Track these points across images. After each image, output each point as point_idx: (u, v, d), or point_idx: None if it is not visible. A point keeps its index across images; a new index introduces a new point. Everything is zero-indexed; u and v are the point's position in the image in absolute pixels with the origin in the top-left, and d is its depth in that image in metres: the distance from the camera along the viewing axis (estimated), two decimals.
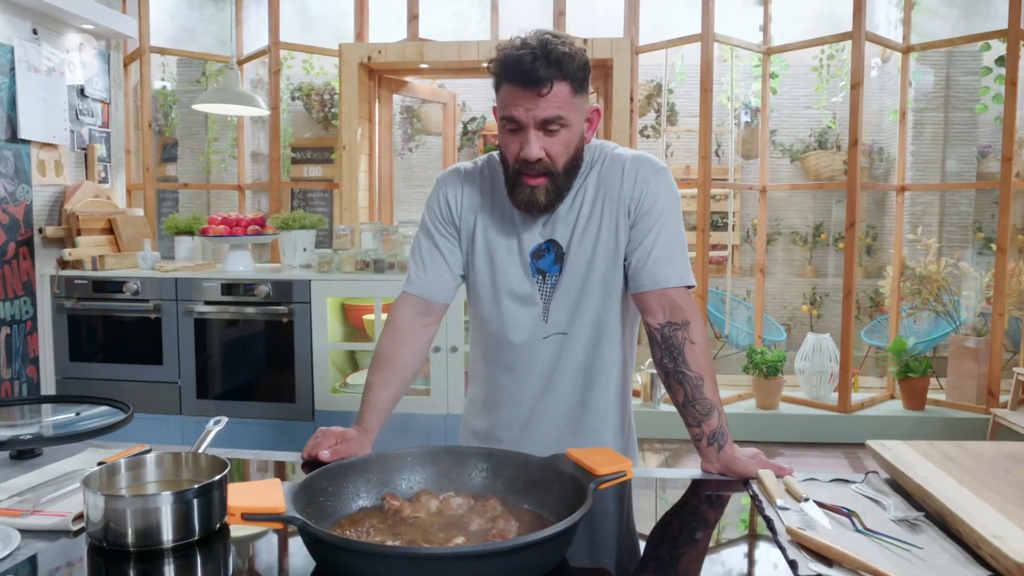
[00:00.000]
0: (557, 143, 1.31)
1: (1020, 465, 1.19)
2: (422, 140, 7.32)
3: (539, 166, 1.31)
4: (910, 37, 4.85)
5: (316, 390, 3.25)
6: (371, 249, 3.43)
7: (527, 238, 1.43)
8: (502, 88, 1.31)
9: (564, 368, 1.46)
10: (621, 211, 1.41)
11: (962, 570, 0.94)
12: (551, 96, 1.26)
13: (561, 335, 1.45)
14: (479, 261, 1.47)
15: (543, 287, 1.44)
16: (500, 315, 1.46)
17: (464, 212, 1.47)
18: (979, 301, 5.11)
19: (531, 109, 1.27)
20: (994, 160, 6.39)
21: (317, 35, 5.08)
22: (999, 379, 4.65)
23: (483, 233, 1.46)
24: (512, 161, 1.34)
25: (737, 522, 1.17)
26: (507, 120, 1.31)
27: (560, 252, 1.43)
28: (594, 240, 1.41)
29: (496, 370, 1.51)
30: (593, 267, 1.42)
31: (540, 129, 1.29)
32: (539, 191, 1.33)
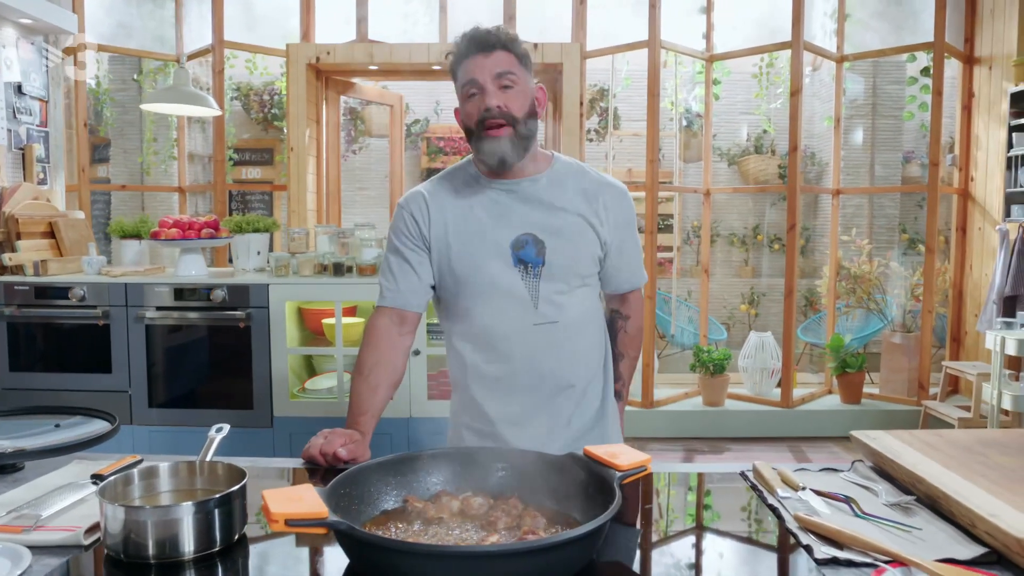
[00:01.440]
0: (512, 97, 1.47)
1: (997, 451, 1.27)
2: (366, 142, 7.26)
3: (499, 114, 1.45)
4: (844, 47, 5.08)
5: (275, 396, 3.19)
6: (329, 252, 3.38)
7: (505, 232, 1.52)
8: (461, 66, 1.49)
9: (555, 355, 1.54)
10: (602, 226, 1.58)
11: (960, 547, 1.01)
12: (500, 56, 1.47)
13: (551, 324, 1.53)
14: (458, 260, 1.53)
15: (527, 277, 1.52)
16: (488, 307, 1.53)
17: (433, 224, 1.55)
18: (908, 299, 5.38)
19: (486, 66, 1.45)
20: (917, 165, 6.74)
21: (261, 35, 4.98)
22: (929, 373, 4.91)
23: (458, 235, 1.54)
24: (475, 119, 1.48)
25: (744, 512, 1.22)
26: (468, 84, 1.47)
27: (541, 245, 1.52)
28: (575, 240, 1.55)
29: (488, 364, 1.55)
30: (576, 263, 1.55)
31: (495, 84, 1.46)
32: (504, 140, 1.46)
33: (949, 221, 5.36)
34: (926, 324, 4.86)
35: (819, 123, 6.65)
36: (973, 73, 4.95)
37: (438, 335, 3.28)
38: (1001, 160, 4.52)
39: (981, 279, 4.91)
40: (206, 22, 4.71)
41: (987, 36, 4.82)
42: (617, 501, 0.94)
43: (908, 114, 5.34)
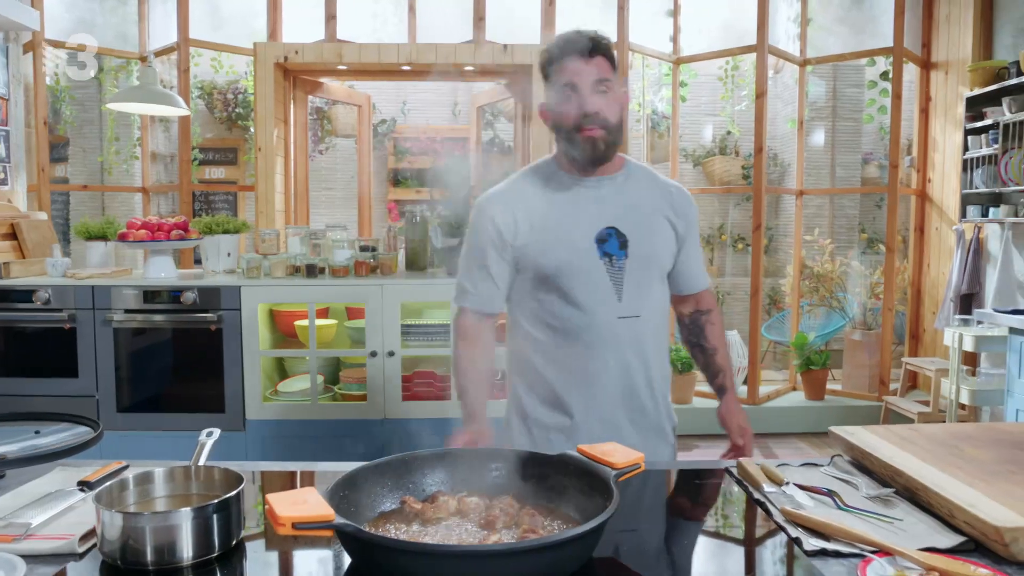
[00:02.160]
0: (607, 103, 1.54)
1: (969, 444, 1.32)
2: (332, 142, 7.19)
3: (597, 119, 1.52)
4: (806, 51, 5.19)
5: (247, 399, 3.16)
6: (301, 254, 3.36)
7: (589, 226, 1.59)
8: (556, 67, 1.55)
9: (636, 349, 1.61)
10: (680, 224, 1.68)
11: (939, 537, 1.05)
12: (598, 63, 1.54)
13: (635, 317, 1.60)
14: (544, 254, 1.58)
15: (611, 269, 1.59)
16: (576, 298, 1.58)
17: (518, 223, 1.60)
18: (868, 297, 5.52)
19: (586, 72, 1.52)
20: (875, 166, 6.90)
21: (227, 33, 4.92)
22: (889, 369, 5.04)
23: (544, 229, 1.59)
24: (572, 121, 1.54)
25: (732, 508, 1.25)
26: (566, 87, 1.54)
27: (624, 239, 1.59)
28: (654, 235, 1.64)
29: (570, 356, 1.60)
30: (657, 256, 1.64)
31: (593, 89, 1.52)
32: (598, 140, 1.54)
33: (907, 221, 5.51)
34: (886, 322, 4.99)
35: (781, 125, 6.78)
36: (930, 77, 5.10)
37: (412, 336, 3.28)
38: (957, 162, 4.66)
39: (938, 278, 5.06)
40: (170, 20, 4.64)
41: (943, 42, 4.97)
42: (617, 499, 0.96)
43: (868, 117, 5.48)
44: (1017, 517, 0.99)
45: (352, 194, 7.26)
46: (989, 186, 4.28)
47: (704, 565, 1.06)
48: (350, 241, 3.46)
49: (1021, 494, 1.08)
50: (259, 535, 1.10)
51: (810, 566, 0.99)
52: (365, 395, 3.20)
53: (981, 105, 4.39)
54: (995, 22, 4.62)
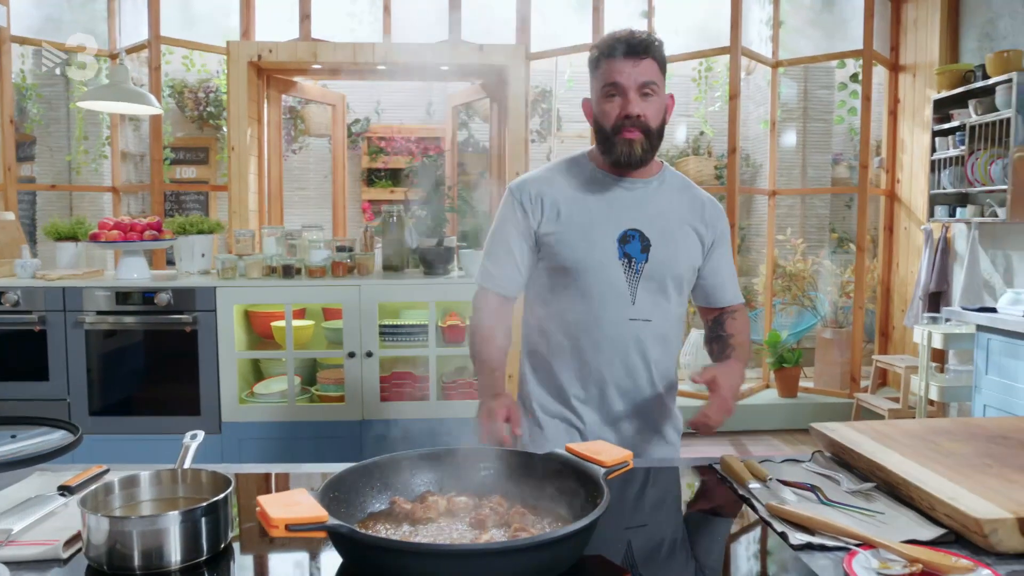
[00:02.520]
0: (650, 107, 1.54)
1: (946, 438, 1.35)
2: (305, 142, 7.14)
3: (638, 123, 1.53)
4: (778, 53, 5.26)
5: (223, 401, 3.12)
6: (277, 254, 3.33)
7: (613, 225, 1.59)
8: (604, 65, 1.54)
9: (642, 352, 1.61)
10: (707, 234, 1.67)
11: (921, 529, 1.07)
12: (646, 65, 1.53)
13: (646, 321, 1.60)
14: (566, 247, 1.59)
15: (628, 271, 1.58)
16: (589, 295, 1.59)
17: (546, 211, 1.61)
18: (839, 296, 5.60)
19: (631, 73, 1.52)
20: (845, 167, 7.01)
21: (199, 31, 4.86)
22: (860, 366, 5.12)
23: (569, 223, 1.59)
24: (612, 122, 1.54)
25: (717, 503, 1.26)
26: (610, 86, 1.53)
27: (647, 242, 1.59)
28: (677, 244, 1.62)
29: (578, 349, 1.61)
30: (676, 264, 1.61)
31: (638, 91, 1.52)
32: (636, 143, 1.54)
33: (877, 221, 5.60)
34: (857, 320, 5.08)
35: (753, 126, 6.86)
36: (898, 80, 5.19)
37: (390, 336, 3.27)
38: (925, 163, 4.75)
39: (907, 276, 5.16)
40: (141, 17, 4.57)
41: (911, 45, 5.07)
42: (608, 496, 0.97)
43: (838, 118, 5.56)
44: (996, 509, 1.02)
45: (325, 194, 7.21)
46: (956, 187, 4.37)
47: (691, 560, 1.07)
48: (327, 241, 3.43)
49: (998, 486, 1.11)
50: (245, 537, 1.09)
51: (797, 560, 1.00)
52: (343, 396, 3.18)
53: (948, 107, 4.48)
54: (961, 26, 4.72)
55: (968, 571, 0.92)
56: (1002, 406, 3.45)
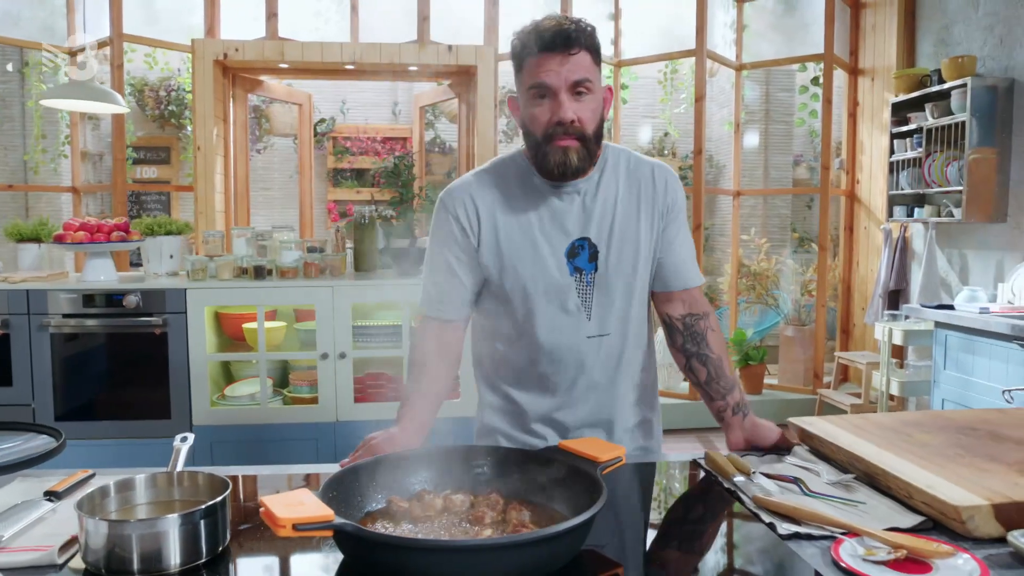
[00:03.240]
0: (586, 108, 1.35)
1: (918, 430, 1.40)
2: (270, 141, 7.06)
3: (572, 128, 1.34)
4: (742, 56, 5.35)
5: (194, 404, 3.08)
6: (248, 255, 3.30)
7: (560, 239, 1.43)
8: (529, 60, 1.34)
9: (603, 365, 1.49)
10: (656, 214, 1.48)
11: (900, 517, 1.11)
12: (578, 60, 1.32)
13: (603, 336, 1.46)
14: (511, 269, 1.44)
15: (580, 286, 1.44)
16: (541, 318, 1.45)
17: (483, 225, 1.44)
18: (802, 294, 5.73)
19: (561, 72, 1.31)
20: (805, 168, 7.17)
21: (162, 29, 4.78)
22: (823, 363, 5.24)
23: (510, 241, 1.43)
24: (543, 129, 1.35)
25: (705, 497, 1.29)
26: (538, 87, 1.34)
27: (594, 250, 1.44)
28: (635, 238, 1.46)
29: (536, 373, 1.49)
30: (636, 265, 1.47)
31: (570, 92, 1.33)
32: (571, 151, 1.35)
33: (838, 221, 5.74)
34: (820, 318, 5.20)
35: (716, 127, 6.97)
36: (858, 83, 5.33)
37: (363, 337, 3.26)
38: (884, 164, 4.88)
39: (867, 275, 5.29)
40: (102, 13, 4.47)
41: (869, 50, 5.20)
42: (605, 491, 0.99)
43: (800, 120, 5.69)
44: (971, 496, 1.06)
45: (290, 194, 7.13)
46: (914, 187, 4.50)
47: (683, 553, 1.10)
48: (297, 242, 3.41)
49: (971, 475, 1.16)
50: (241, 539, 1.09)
51: (786, 549, 1.04)
52: (316, 398, 3.17)
53: (906, 110, 4.61)
54: (917, 32, 4.86)
55: (949, 555, 0.96)
56: (959, 400, 3.57)
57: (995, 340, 3.35)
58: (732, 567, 1.05)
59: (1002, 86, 4.04)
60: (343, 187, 7.35)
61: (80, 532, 0.95)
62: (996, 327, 3.30)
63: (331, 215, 7.32)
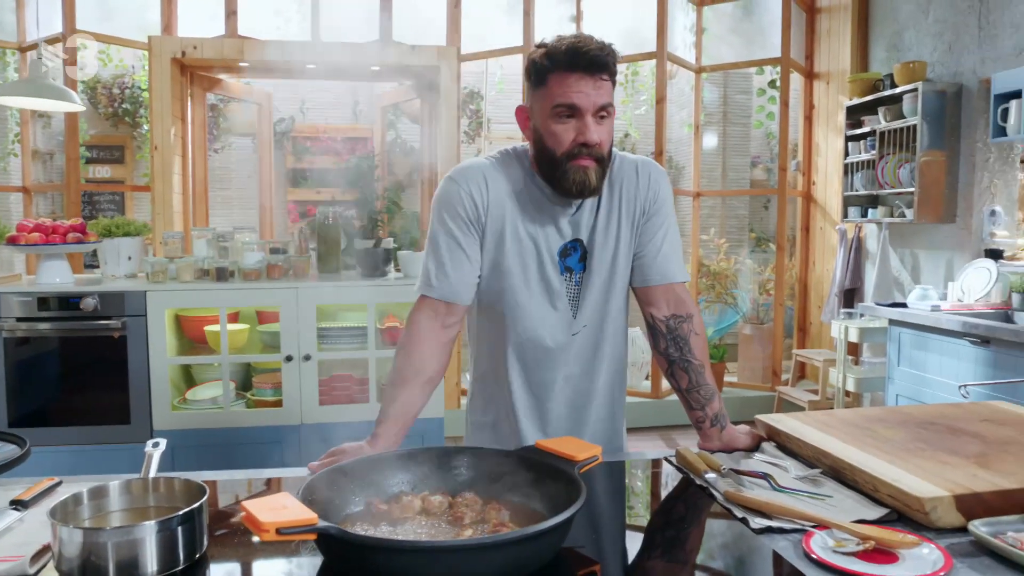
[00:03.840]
0: (605, 131, 1.39)
1: (881, 426, 1.45)
2: (228, 141, 6.95)
3: (594, 151, 1.37)
4: (702, 59, 5.44)
5: (154, 409, 3.02)
6: (209, 256, 3.24)
7: (554, 237, 1.47)
8: (555, 78, 1.35)
9: (587, 359, 1.53)
10: (638, 210, 1.51)
11: (866, 510, 1.15)
12: (607, 85, 1.37)
13: (587, 329, 1.50)
14: (510, 258, 1.46)
15: (569, 284, 1.49)
16: (532, 312, 1.48)
17: (492, 208, 1.45)
18: (760, 293, 5.84)
19: (591, 95, 1.34)
20: (762, 169, 7.30)
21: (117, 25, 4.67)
22: (781, 361, 5.35)
23: (514, 230, 1.46)
24: (566, 148, 1.37)
25: (677, 493, 1.32)
26: (564, 107, 1.35)
27: (585, 251, 1.49)
28: (616, 238, 1.49)
29: (524, 369, 1.52)
30: (616, 264, 1.50)
31: (595, 115, 1.36)
32: (591, 171, 1.37)
33: (794, 221, 5.86)
34: (778, 316, 5.30)
35: (675, 129, 7.06)
36: (813, 87, 5.45)
37: (328, 339, 3.23)
38: (839, 166, 5.00)
39: (823, 274, 5.42)
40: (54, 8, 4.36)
41: (824, 54, 5.33)
42: (584, 489, 1.00)
43: (758, 123, 5.80)
44: (934, 488, 1.10)
45: (249, 194, 7.03)
46: (868, 189, 4.62)
47: (659, 548, 1.12)
48: (260, 243, 3.37)
49: (933, 468, 1.20)
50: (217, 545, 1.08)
51: (758, 542, 1.06)
52: (280, 400, 3.13)
53: (859, 114, 4.73)
54: (870, 37, 4.99)
55: (914, 546, 1.00)
56: (913, 395, 3.68)
57: (946, 337, 3.46)
58: (708, 561, 1.08)
59: (951, 91, 4.18)
60: (303, 187, 7.26)
61: (53, 541, 0.93)
62: (947, 324, 3.42)
63: (291, 215, 7.23)
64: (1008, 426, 1.44)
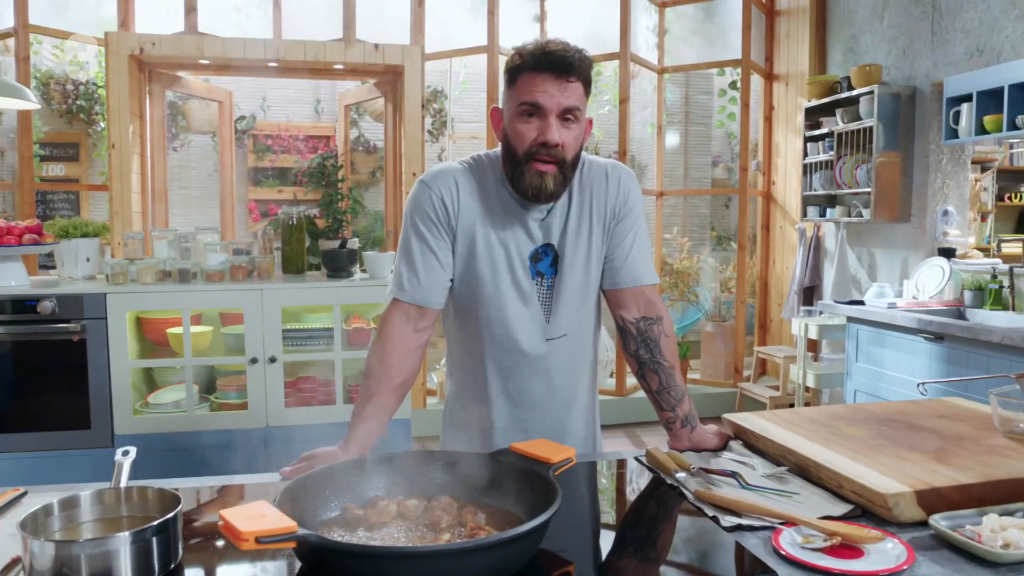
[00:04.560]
0: (570, 135, 1.39)
1: (844, 423, 1.49)
2: (187, 139, 6.83)
3: (555, 152, 1.37)
4: (664, 60, 5.50)
5: (116, 413, 2.96)
6: (171, 258, 3.19)
7: (525, 242, 1.48)
8: (524, 78, 1.37)
9: (565, 366, 1.54)
10: (608, 214, 1.52)
11: (832, 506, 1.19)
12: (574, 88, 1.37)
13: (564, 337, 1.51)
14: (481, 263, 1.46)
15: (540, 289, 1.50)
16: (505, 317, 1.48)
17: (462, 213, 1.46)
18: (722, 292, 5.93)
19: (556, 96, 1.35)
20: (723, 168, 7.41)
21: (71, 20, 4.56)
22: (743, 358, 5.44)
23: (484, 235, 1.46)
24: (526, 147, 1.38)
25: (648, 492, 1.34)
26: (529, 105, 1.37)
27: (555, 255, 1.50)
28: (587, 242, 1.50)
29: (499, 375, 1.52)
30: (588, 269, 1.51)
31: (560, 117, 1.37)
32: (548, 176, 1.39)
33: (755, 220, 5.97)
34: (740, 314, 5.39)
35: (638, 128, 7.13)
36: (773, 88, 5.55)
37: (293, 341, 3.21)
38: (798, 167, 5.10)
39: (783, 272, 5.52)
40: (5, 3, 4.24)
41: (783, 56, 5.43)
42: (560, 492, 1.02)
43: (719, 123, 5.88)
44: (896, 484, 1.14)
45: (208, 193, 6.92)
46: (826, 189, 4.72)
47: (633, 548, 1.14)
48: (223, 244, 3.33)
49: (894, 464, 1.24)
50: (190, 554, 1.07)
51: (729, 540, 1.09)
52: (246, 403, 3.09)
53: (818, 115, 4.83)
54: (828, 40, 5.10)
55: (879, 540, 1.03)
56: (871, 390, 3.78)
57: (902, 333, 3.56)
58: (680, 558, 1.10)
59: (905, 94, 4.29)
60: (264, 186, 7.17)
61: (24, 554, 0.92)
62: (903, 321, 3.51)
63: (252, 215, 7.13)
64: (963, 422, 1.49)
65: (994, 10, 3.78)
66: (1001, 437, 1.38)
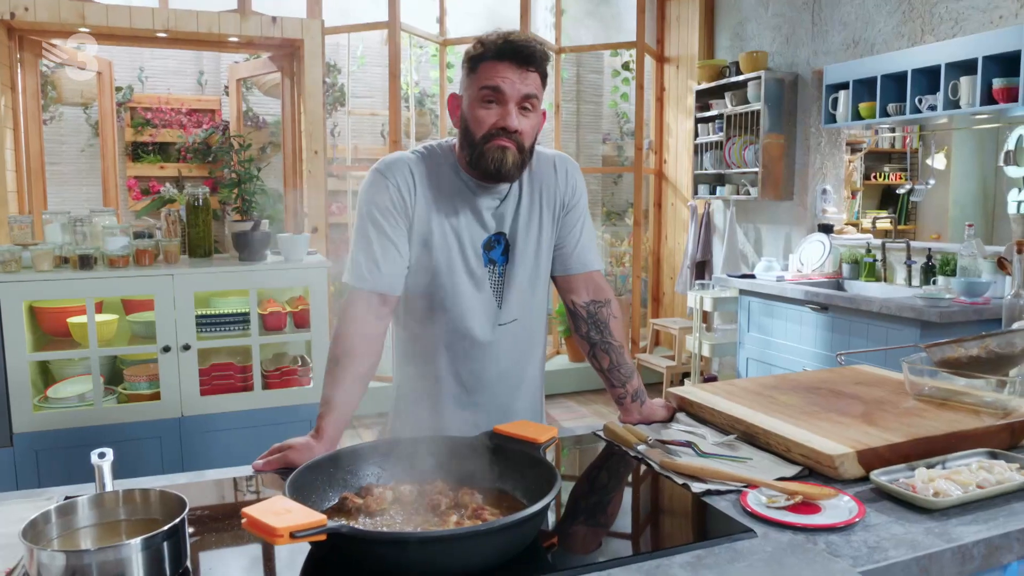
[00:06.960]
0: (527, 123, 1.45)
1: (778, 392, 1.64)
2: (58, 111, 6.33)
3: (513, 138, 1.43)
4: (561, 40, 5.60)
5: (13, 410, 2.78)
6: (68, 243, 3.00)
7: (478, 230, 1.53)
8: (485, 65, 1.42)
9: (514, 350, 1.59)
10: (557, 204, 1.60)
11: (783, 469, 1.32)
12: (533, 77, 1.43)
13: (514, 322, 1.57)
14: (436, 251, 1.50)
15: (493, 277, 1.55)
16: (458, 304, 1.52)
17: (419, 201, 1.49)
18: (616, 266, 6.16)
19: (516, 83, 1.41)
20: (612, 146, 7.64)
21: None
22: (639, 329, 5.70)
23: (439, 224, 1.50)
24: (485, 131, 1.43)
25: (613, 466, 1.43)
26: (490, 90, 1.41)
27: (507, 244, 1.55)
28: (538, 231, 1.57)
29: (452, 361, 1.56)
30: (539, 257, 1.58)
31: (518, 105, 1.43)
32: (509, 152, 1.43)
33: (647, 197, 6.22)
34: (635, 288, 5.63)
35: None
36: (664, 70, 5.78)
37: (205, 327, 3.10)
38: (689, 146, 5.36)
39: (675, 247, 5.80)
40: None
41: (674, 40, 5.65)
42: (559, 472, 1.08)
43: (612, 103, 6.05)
44: (840, 446, 1.28)
45: (83, 170, 6.47)
46: (716, 168, 4.99)
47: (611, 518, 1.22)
48: (123, 227, 3.16)
49: (831, 428, 1.39)
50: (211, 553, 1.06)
51: (702, 504, 1.20)
52: (158, 393, 2.98)
53: (708, 97, 5.08)
54: (716, 26, 5.35)
55: (833, 496, 1.17)
56: (761, 358, 4.07)
57: (791, 304, 3.85)
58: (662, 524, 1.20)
59: (788, 80, 4.59)
60: (144, 162, 6.77)
61: (30, 565, 0.89)
62: (792, 293, 3.80)
63: (132, 192, 6.73)
64: (877, 387, 1.67)
65: (868, 5, 4.10)
66: (912, 400, 1.57)
